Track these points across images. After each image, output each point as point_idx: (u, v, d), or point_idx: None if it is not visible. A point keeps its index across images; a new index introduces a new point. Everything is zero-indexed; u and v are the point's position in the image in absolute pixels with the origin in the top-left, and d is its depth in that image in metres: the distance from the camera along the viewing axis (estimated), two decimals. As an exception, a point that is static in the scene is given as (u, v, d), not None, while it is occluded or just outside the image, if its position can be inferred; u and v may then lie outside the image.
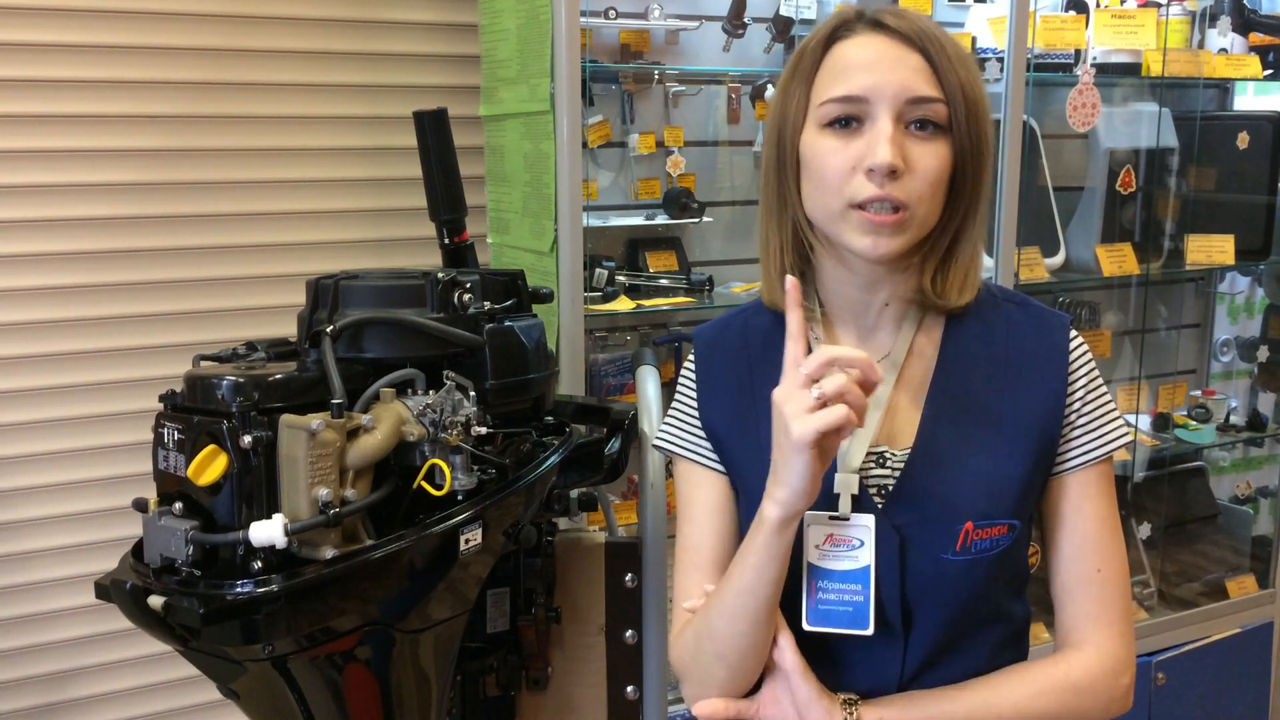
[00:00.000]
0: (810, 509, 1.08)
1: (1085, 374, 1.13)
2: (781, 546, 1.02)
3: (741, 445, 1.17)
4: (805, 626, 1.09)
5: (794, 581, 1.09)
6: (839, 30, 1.09)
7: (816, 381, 0.96)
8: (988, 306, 1.16)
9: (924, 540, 1.07)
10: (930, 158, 1.05)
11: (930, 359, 1.14)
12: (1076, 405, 1.12)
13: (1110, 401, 1.14)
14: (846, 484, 1.08)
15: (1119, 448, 1.12)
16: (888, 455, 1.11)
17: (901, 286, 1.13)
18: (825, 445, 0.97)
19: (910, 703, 1.08)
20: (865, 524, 1.08)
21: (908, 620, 1.09)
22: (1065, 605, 1.12)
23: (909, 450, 1.10)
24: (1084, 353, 1.14)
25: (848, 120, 1.06)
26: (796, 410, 0.96)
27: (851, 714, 1.07)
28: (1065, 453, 1.12)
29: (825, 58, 1.09)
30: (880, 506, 1.09)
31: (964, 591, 1.08)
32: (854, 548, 1.08)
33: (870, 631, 1.07)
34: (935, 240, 1.10)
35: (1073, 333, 1.14)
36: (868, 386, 0.97)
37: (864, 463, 1.11)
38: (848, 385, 0.95)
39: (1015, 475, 1.09)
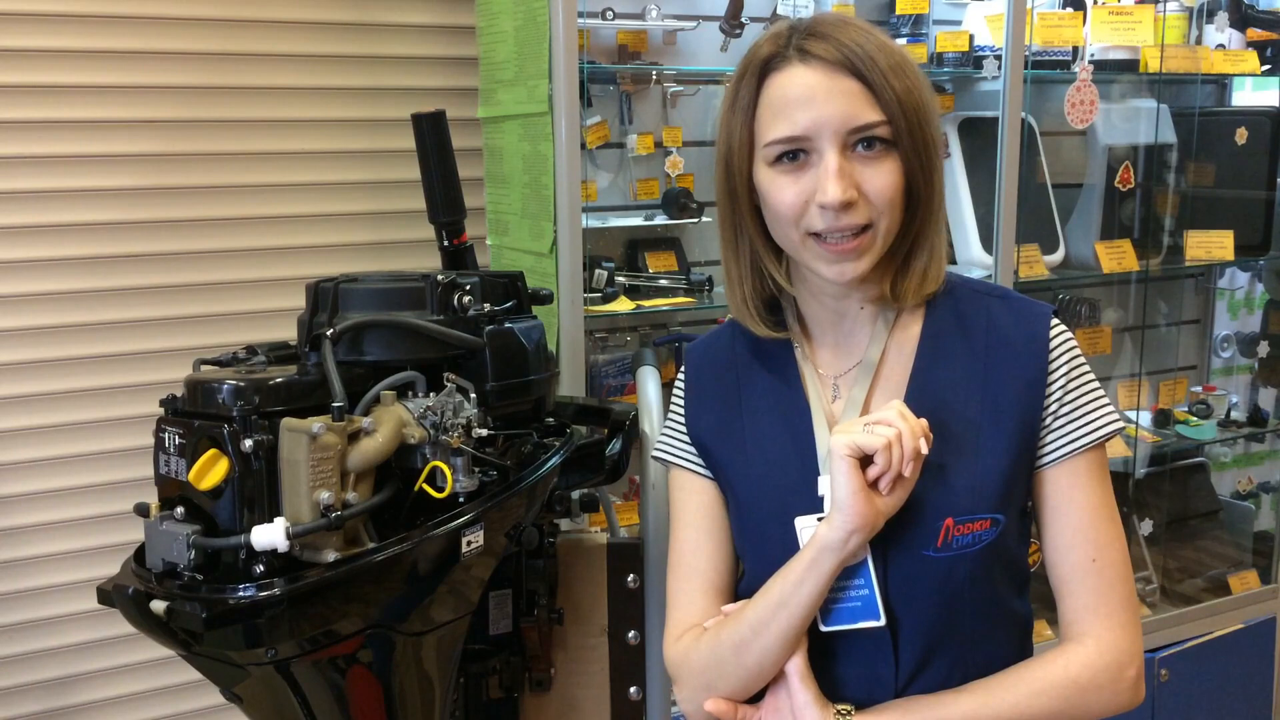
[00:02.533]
0: (799, 514, 1.11)
1: (1066, 363, 1.12)
2: (830, 566, 1.04)
3: (727, 449, 1.19)
4: (822, 628, 1.09)
5: None
6: (771, 62, 1.09)
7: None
8: (968, 301, 1.17)
9: (904, 537, 1.07)
10: (881, 177, 1.06)
11: (909, 357, 1.15)
12: (1057, 394, 1.11)
13: (1097, 390, 1.13)
14: (828, 485, 1.09)
15: (1107, 436, 1.11)
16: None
17: (873, 290, 1.15)
18: (872, 476, 1.03)
19: (906, 710, 1.08)
20: None
21: (894, 618, 1.09)
22: (1064, 598, 1.12)
23: None
24: (1065, 341, 1.13)
25: (795, 154, 1.07)
26: (843, 429, 1.04)
27: None
28: (1050, 443, 1.11)
29: (761, 92, 1.09)
30: None
31: (948, 588, 1.08)
32: None
33: (882, 622, 1.07)
34: (895, 247, 1.11)
35: (1054, 322, 1.13)
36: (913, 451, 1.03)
37: None
38: (899, 425, 1.02)
39: (995, 469, 1.09)
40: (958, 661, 1.10)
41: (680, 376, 1.27)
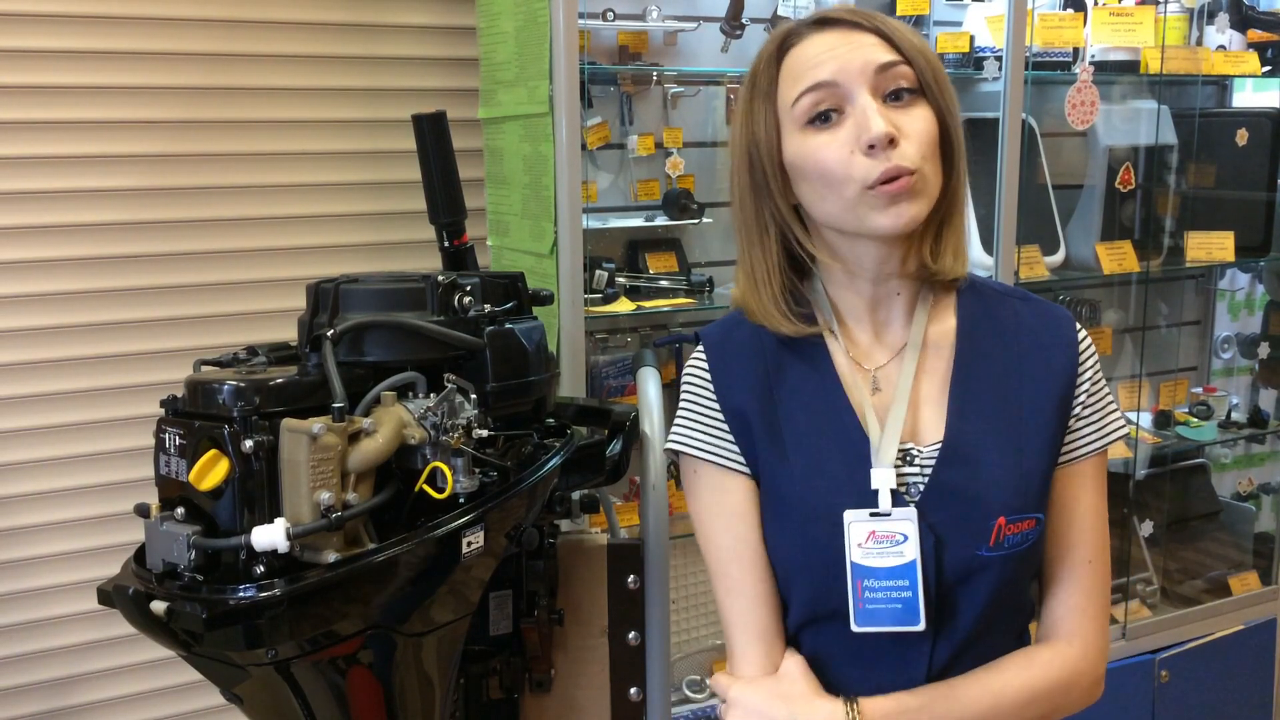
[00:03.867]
0: (849, 506, 1.08)
1: (1090, 368, 1.15)
2: None
3: (764, 440, 1.13)
4: (854, 628, 1.07)
5: (839, 584, 1.08)
6: (787, 40, 1.11)
7: None
8: (994, 301, 1.17)
9: (959, 537, 1.07)
10: (918, 121, 1.06)
11: (948, 352, 1.14)
12: (1082, 398, 1.13)
13: (1109, 394, 1.16)
14: (885, 479, 1.08)
15: (1118, 439, 1.15)
16: (914, 452, 1.11)
17: (910, 268, 1.13)
18: None
19: (923, 708, 1.07)
20: (907, 518, 1.07)
21: (940, 617, 1.08)
22: (1055, 594, 1.14)
23: (937, 446, 1.10)
24: (1089, 346, 1.16)
25: (827, 115, 1.07)
26: None
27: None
28: (1070, 444, 1.13)
29: (780, 70, 1.10)
30: (914, 505, 1.09)
31: (997, 586, 1.08)
32: (898, 543, 1.06)
33: (922, 627, 1.05)
34: (934, 209, 1.10)
35: (1078, 326, 1.16)
36: None
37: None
38: None
39: (1039, 468, 1.10)
40: (981, 653, 1.11)
41: (697, 360, 1.19)
